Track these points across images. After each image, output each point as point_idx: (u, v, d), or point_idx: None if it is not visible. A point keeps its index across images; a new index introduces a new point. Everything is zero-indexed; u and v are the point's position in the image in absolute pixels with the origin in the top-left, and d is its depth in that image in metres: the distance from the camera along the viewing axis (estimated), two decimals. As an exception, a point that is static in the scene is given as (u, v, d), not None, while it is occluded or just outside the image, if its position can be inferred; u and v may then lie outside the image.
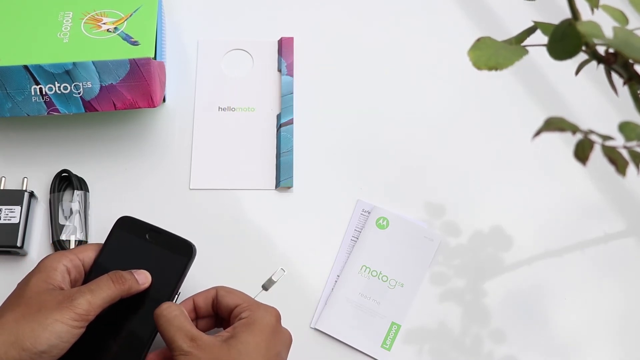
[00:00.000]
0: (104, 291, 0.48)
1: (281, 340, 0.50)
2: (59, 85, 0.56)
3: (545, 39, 0.38)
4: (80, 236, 0.59)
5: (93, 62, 0.56)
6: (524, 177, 0.64)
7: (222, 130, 0.65)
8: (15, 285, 0.49)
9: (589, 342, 0.58)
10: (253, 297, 0.52)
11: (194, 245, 0.52)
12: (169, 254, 0.52)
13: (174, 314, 0.47)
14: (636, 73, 0.37)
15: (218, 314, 0.52)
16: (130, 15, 0.61)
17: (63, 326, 0.45)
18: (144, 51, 0.58)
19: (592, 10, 0.40)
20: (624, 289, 0.60)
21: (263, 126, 0.65)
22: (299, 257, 0.60)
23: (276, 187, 0.63)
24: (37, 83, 0.56)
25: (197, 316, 0.51)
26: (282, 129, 0.64)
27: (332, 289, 0.59)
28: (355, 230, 0.61)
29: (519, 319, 0.59)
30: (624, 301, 0.60)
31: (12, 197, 0.59)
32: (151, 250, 0.52)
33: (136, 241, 0.53)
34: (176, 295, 0.52)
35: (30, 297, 0.47)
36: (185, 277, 0.52)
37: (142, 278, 0.50)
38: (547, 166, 0.64)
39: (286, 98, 0.66)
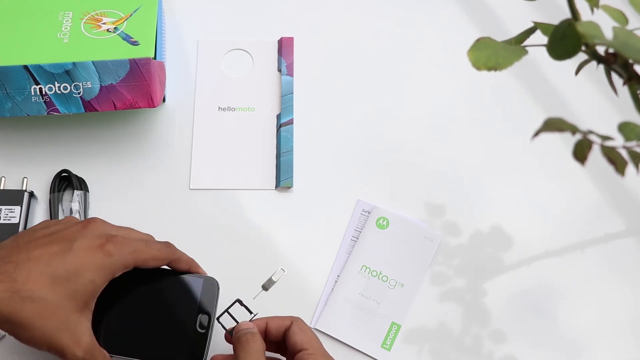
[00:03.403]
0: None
1: None
2: (58, 85, 0.56)
3: (545, 39, 0.38)
4: (80, 236, 0.59)
5: (93, 62, 0.56)
6: (524, 177, 0.64)
7: (222, 130, 0.65)
8: None
9: (590, 342, 0.58)
10: (318, 343, 0.50)
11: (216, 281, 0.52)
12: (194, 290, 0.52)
13: (257, 349, 0.47)
14: (636, 73, 0.37)
15: (285, 344, 0.51)
16: (130, 15, 0.61)
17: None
18: (144, 51, 0.58)
19: (592, 10, 0.40)
20: (624, 290, 0.60)
21: (263, 126, 0.65)
22: (299, 257, 0.60)
23: (276, 187, 0.63)
24: (37, 83, 0.56)
25: (265, 338, 0.50)
26: (282, 129, 0.64)
27: (332, 289, 0.59)
28: (355, 230, 0.61)
29: (519, 319, 0.59)
30: (623, 302, 0.60)
31: (12, 197, 0.59)
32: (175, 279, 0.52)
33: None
34: (253, 315, 0.51)
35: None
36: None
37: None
38: (548, 166, 0.64)
39: (286, 98, 0.66)
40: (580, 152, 0.35)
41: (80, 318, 0.44)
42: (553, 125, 0.34)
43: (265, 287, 0.58)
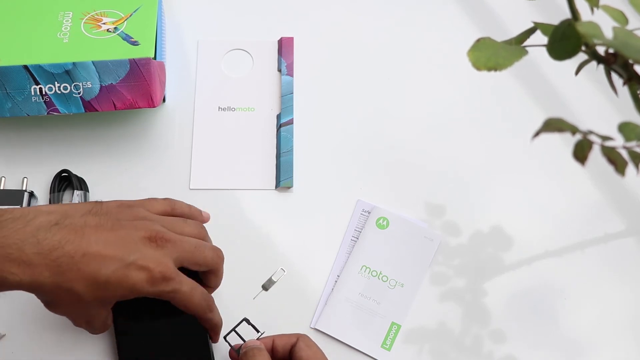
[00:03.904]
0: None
1: None
2: (58, 85, 0.56)
3: (545, 39, 0.38)
4: (80, 236, 0.59)
5: (93, 62, 0.56)
6: (524, 177, 0.64)
7: (222, 130, 0.65)
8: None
9: (590, 342, 0.58)
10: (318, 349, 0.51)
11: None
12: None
13: None
14: (636, 73, 0.37)
15: None
16: (130, 15, 0.61)
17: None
18: (144, 51, 0.58)
19: (592, 10, 0.40)
20: (624, 290, 0.60)
21: (263, 126, 0.65)
22: (299, 257, 0.60)
23: (276, 187, 0.63)
24: (37, 83, 0.56)
25: (272, 356, 0.51)
26: (282, 129, 0.64)
27: (332, 289, 0.59)
28: (355, 230, 0.61)
29: (519, 319, 0.59)
30: (623, 302, 0.60)
31: (11, 197, 0.59)
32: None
33: None
34: (260, 334, 0.51)
35: None
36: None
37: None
38: (548, 166, 0.64)
39: (286, 98, 0.66)
40: (581, 152, 0.35)
41: (101, 312, 0.48)
42: (553, 125, 0.34)
43: (265, 287, 0.58)
